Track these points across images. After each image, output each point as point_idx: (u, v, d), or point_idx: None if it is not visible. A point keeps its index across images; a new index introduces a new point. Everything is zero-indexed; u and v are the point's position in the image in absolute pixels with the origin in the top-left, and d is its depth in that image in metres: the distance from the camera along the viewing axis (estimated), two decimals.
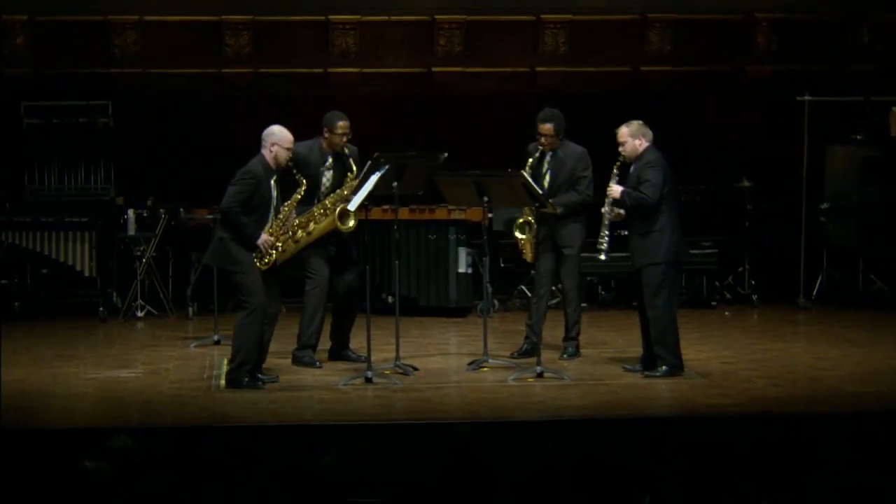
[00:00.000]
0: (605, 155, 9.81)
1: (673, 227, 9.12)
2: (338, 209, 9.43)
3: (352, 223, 9.38)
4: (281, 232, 9.03)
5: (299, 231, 9.47)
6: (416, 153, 9.73)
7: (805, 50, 13.79)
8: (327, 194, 9.61)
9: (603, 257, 9.36)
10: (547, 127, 9.90)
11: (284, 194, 9.16)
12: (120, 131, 13.02)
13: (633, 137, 9.17)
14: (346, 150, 9.62)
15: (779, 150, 13.62)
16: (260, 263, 8.91)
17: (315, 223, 9.52)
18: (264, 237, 8.88)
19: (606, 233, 9.30)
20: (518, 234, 9.89)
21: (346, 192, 9.53)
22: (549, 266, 9.96)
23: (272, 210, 8.99)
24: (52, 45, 13.27)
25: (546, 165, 9.97)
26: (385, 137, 10.18)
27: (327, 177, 9.68)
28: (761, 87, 13.88)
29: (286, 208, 9.06)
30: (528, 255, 9.95)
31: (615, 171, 9.24)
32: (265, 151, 8.93)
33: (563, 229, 9.85)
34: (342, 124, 9.63)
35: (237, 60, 13.50)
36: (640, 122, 9.24)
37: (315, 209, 9.53)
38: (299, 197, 9.12)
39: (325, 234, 9.53)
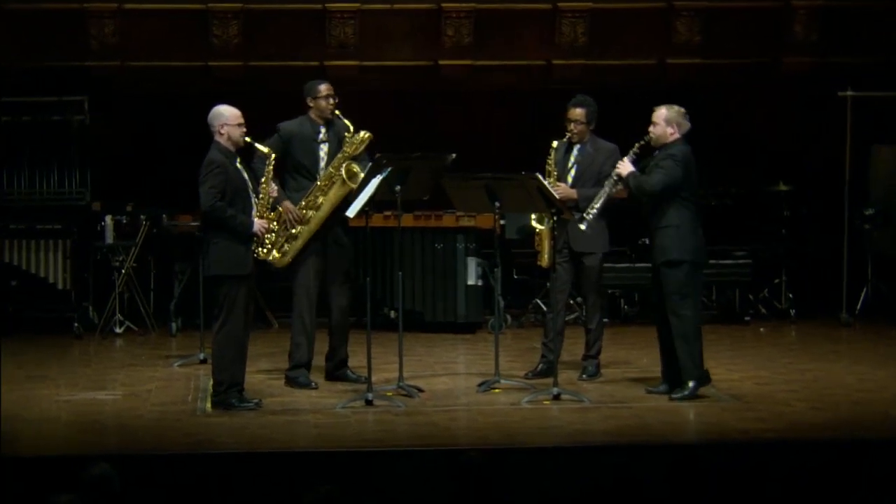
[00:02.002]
0: (625, 156, 9.81)
1: (692, 225, 9.14)
2: (343, 168, 9.51)
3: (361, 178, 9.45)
4: (268, 212, 9.08)
5: (309, 212, 9.55)
6: (421, 154, 9.75)
7: (847, 40, 13.78)
8: (326, 168, 9.68)
9: (583, 227, 9.39)
10: (578, 112, 9.91)
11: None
12: (97, 130, 13.04)
13: (666, 123, 9.19)
14: (338, 114, 9.70)
15: (819, 151, 13.62)
16: (262, 252, 8.98)
17: (323, 195, 9.59)
18: (259, 222, 8.95)
19: (599, 204, 9.35)
20: (536, 225, 9.86)
21: (348, 151, 9.61)
22: (568, 278, 9.95)
23: (251, 193, 9.03)
24: (22, 35, 13.29)
25: (572, 159, 9.96)
26: (387, 137, 10.18)
27: (324, 150, 9.74)
28: (799, 82, 13.88)
29: (264, 185, 9.10)
30: (545, 258, 9.92)
31: (636, 148, 9.27)
32: (217, 137, 8.99)
33: (582, 232, 9.81)
34: (324, 87, 9.77)
35: (225, 53, 13.52)
36: (683, 111, 9.25)
37: (319, 182, 9.61)
38: (272, 168, 9.17)
39: (336, 207, 9.55)
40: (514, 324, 12.77)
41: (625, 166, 9.27)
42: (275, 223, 9.21)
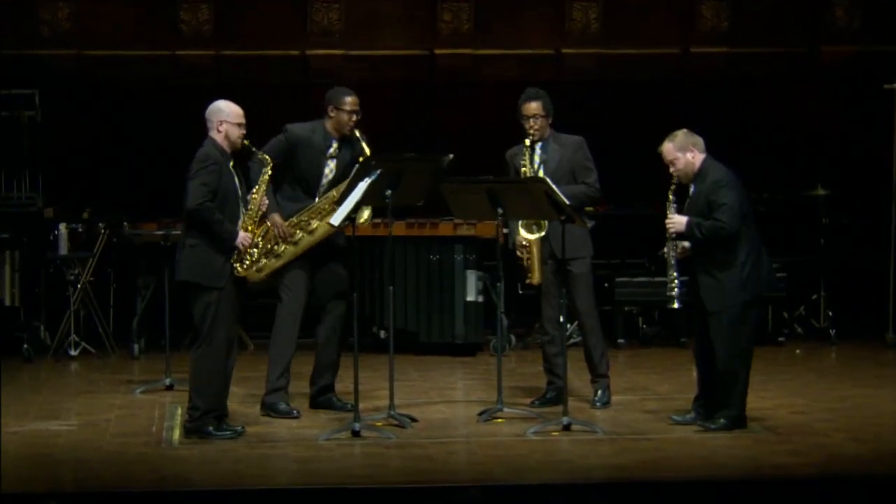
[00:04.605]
0: (645, 156, 9.84)
1: (757, 255, 9.10)
2: None
3: (367, 213, 9.44)
4: (255, 226, 9.10)
5: (298, 232, 9.55)
6: (414, 155, 9.78)
7: (894, 26, 13.82)
8: (329, 187, 9.67)
9: (677, 305, 9.32)
10: (534, 106, 9.94)
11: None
12: (49, 127, 13.07)
13: (682, 152, 9.12)
14: (357, 133, 9.68)
15: (862, 150, 13.65)
16: (241, 268, 8.99)
17: (318, 220, 9.57)
18: (242, 234, 8.97)
19: (675, 274, 9.19)
20: (526, 235, 9.86)
21: None
22: (558, 292, 9.89)
23: (241, 202, 9.06)
24: None
25: (538, 159, 9.98)
26: (377, 135, 10.20)
27: (330, 166, 9.74)
28: (840, 73, 13.92)
29: (255, 196, 9.11)
30: (536, 275, 9.94)
31: (671, 197, 9.16)
32: (214, 133, 9.02)
33: (563, 236, 9.77)
34: (351, 99, 9.74)
35: (195, 41, 13.56)
36: (685, 130, 9.17)
37: (318, 202, 9.60)
38: (267, 179, 9.16)
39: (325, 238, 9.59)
40: (519, 345, 12.80)
41: (677, 221, 9.09)
42: (260, 238, 9.21)
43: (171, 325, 10.95)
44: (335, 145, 9.74)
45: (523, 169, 9.87)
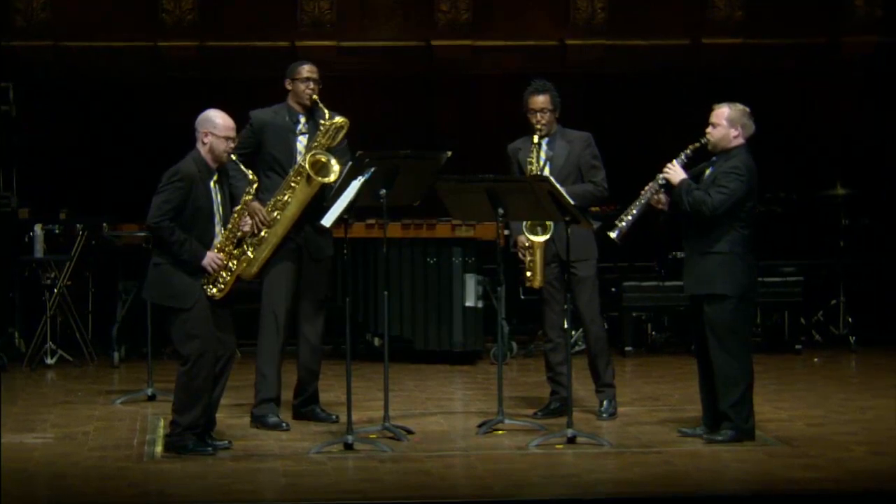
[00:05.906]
0: (652, 153, 9.86)
1: (744, 252, 9.17)
2: (307, 159, 9.53)
3: (333, 173, 9.43)
4: (233, 246, 9.05)
5: (275, 212, 9.53)
6: (410, 152, 9.79)
7: None
8: None
9: (613, 235, 9.35)
10: (541, 100, 9.96)
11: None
12: (25, 122, 13.07)
13: (730, 123, 9.21)
14: (319, 102, 9.69)
15: (883, 148, 13.67)
16: (214, 290, 8.95)
17: (291, 193, 9.58)
18: (211, 255, 8.91)
19: (635, 212, 9.30)
20: (530, 237, 9.89)
21: (322, 141, 9.60)
22: (562, 297, 9.93)
23: (218, 219, 9.02)
24: None
25: (543, 156, 10.01)
26: (370, 131, 10.25)
27: (301, 143, 9.75)
28: (861, 65, 13.93)
29: (236, 215, 9.07)
30: (537, 278, 9.95)
31: (688, 151, 9.25)
32: (199, 145, 9.00)
33: (569, 237, 9.79)
34: (306, 68, 9.79)
35: (178, 31, 13.56)
36: (748, 111, 9.27)
37: (288, 178, 9.61)
38: (250, 199, 9.15)
39: (306, 203, 9.58)
40: (521, 353, 12.82)
41: (676, 172, 9.22)
42: (234, 262, 9.10)
43: (153, 332, 10.94)
44: (302, 120, 9.78)
45: (529, 167, 9.89)
